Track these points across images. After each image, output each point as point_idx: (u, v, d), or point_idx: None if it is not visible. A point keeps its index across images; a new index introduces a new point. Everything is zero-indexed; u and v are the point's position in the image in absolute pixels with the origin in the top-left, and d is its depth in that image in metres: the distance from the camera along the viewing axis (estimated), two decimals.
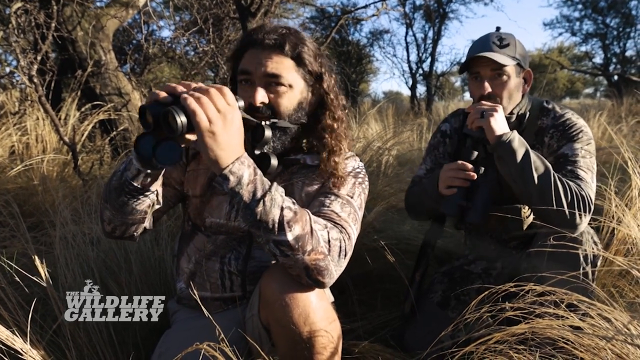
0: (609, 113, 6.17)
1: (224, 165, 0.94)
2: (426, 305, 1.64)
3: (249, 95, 1.14)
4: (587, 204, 1.33)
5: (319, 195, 1.21)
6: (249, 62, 1.16)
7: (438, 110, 8.82)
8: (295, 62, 1.17)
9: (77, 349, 1.22)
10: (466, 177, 1.45)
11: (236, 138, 0.95)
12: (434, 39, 12.66)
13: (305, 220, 1.00)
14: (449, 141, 1.73)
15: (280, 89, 1.15)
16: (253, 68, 1.14)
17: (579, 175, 1.39)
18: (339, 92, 1.27)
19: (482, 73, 1.50)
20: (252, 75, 1.15)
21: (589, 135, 1.48)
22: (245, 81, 1.17)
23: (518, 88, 1.53)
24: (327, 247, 1.03)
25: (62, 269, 1.42)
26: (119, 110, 3.84)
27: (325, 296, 1.15)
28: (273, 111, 1.16)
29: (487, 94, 1.49)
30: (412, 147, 4.28)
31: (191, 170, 1.28)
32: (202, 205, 1.26)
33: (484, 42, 1.51)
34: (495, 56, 1.45)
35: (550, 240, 1.24)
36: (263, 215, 0.96)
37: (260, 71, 1.14)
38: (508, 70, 1.48)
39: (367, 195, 1.28)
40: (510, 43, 1.49)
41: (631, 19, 13.60)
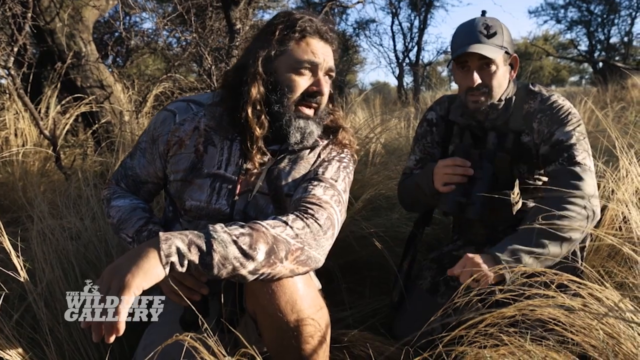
0: (594, 99, 6.22)
1: (159, 261, 0.89)
2: (415, 292, 1.63)
3: (320, 86, 1.20)
4: (589, 211, 1.31)
5: (303, 181, 1.20)
6: (314, 54, 1.19)
7: (425, 99, 8.82)
8: (334, 55, 1.25)
9: (56, 345, 1.19)
10: (464, 173, 1.42)
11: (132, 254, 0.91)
12: (420, 27, 12.65)
13: (264, 233, 0.98)
14: (436, 129, 1.70)
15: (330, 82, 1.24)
16: (321, 60, 1.19)
17: (578, 161, 1.38)
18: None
19: (470, 63, 1.46)
20: (318, 67, 1.20)
21: (578, 116, 1.46)
22: (305, 71, 1.20)
23: (505, 75, 1.52)
24: (299, 240, 1.02)
25: (39, 264, 1.38)
26: (101, 102, 3.76)
27: (312, 283, 1.13)
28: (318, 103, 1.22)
29: (477, 85, 1.47)
30: (399, 135, 4.27)
31: (173, 155, 1.26)
32: (183, 188, 1.25)
33: (470, 31, 1.47)
34: (485, 49, 1.42)
35: (539, 220, 1.22)
36: (224, 262, 0.93)
37: (327, 65, 1.21)
38: (497, 60, 1.45)
39: (351, 179, 1.28)
40: (497, 31, 1.46)
41: (615, 6, 13.71)
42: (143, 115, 4.02)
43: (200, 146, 1.23)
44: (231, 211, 1.22)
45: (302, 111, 1.19)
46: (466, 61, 1.47)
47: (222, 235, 0.94)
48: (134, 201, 1.28)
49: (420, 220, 1.77)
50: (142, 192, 1.36)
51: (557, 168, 1.41)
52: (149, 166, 1.32)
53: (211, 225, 0.97)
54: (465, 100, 1.52)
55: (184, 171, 1.25)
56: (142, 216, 1.23)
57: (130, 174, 1.34)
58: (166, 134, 1.27)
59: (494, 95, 1.49)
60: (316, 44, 1.19)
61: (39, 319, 1.26)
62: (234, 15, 3.42)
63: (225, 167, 1.23)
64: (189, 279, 1.07)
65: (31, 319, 1.31)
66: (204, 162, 1.24)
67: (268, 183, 1.23)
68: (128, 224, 1.21)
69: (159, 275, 0.88)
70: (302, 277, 1.07)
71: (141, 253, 0.89)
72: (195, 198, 1.23)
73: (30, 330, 1.28)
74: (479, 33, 1.45)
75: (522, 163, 1.54)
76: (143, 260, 0.87)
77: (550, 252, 1.24)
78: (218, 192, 1.22)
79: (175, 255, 0.90)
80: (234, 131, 1.22)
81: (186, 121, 1.27)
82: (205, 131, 1.24)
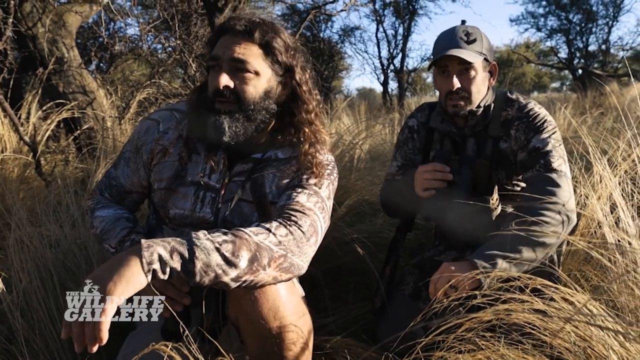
0: (574, 105, 6.34)
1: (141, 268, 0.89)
2: (397, 298, 1.64)
3: (215, 79, 1.14)
4: (563, 217, 1.33)
5: (288, 188, 1.21)
6: (219, 47, 1.16)
7: (410, 105, 8.90)
8: (263, 50, 1.17)
9: (32, 356, 1.17)
10: (443, 178, 1.44)
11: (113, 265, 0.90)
12: (404, 35, 12.76)
13: (247, 240, 0.98)
14: (417, 136, 1.72)
15: (246, 75, 1.15)
16: (221, 53, 1.15)
17: (554, 167, 1.40)
18: (313, 88, 1.28)
19: (450, 68, 1.49)
20: (219, 61, 1.15)
21: (553, 124, 1.50)
22: (214, 67, 1.17)
23: (484, 81, 1.54)
24: (282, 247, 1.02)
25: (16, 272, 1.36)
26: (83, 108, 3.72)
27: (295, 290, 1.14)
28: (237, 97, 1.15)
29: (457, 89, 1.49)
30: (384, 141, 4.30)
31: (157, 164, 1.26)
32: (167, 196, 1.24)
33: (451, 37, 1.50)
34: (464, 54, 1.45)
35: (513, 225, 1.24)
36: (206, 269, 0.93)
37: (227, 55, 1.14)
38: (476, 65, 1.48)
39: (336, 186, 1.28)
40: (477, 38, 1.49)
41: (592, 15, 13.98)
42: (126, 122, 3.99)
43: (184, 154, 1.23)
44: (215, 219, 1.22)
45: (214, 107, 1.17)
46: (446, 65, 1.50)
47: (204, 242, 0.94)
48: (118, 211, 1.28)
49: (402, 226, 1.78)
50: (126, 201, 1.35)
51: (533, 175, 1.43)
52: (133, 176, 1.31)
53: (194, 232, 0.96)
54: (445, 104, 1.54)
55: (168, 179, 1.24)
56: (125, 226, 1.22)
57: (115, 184, 1.33)
58: (150, 142, 1.27)
59: (472, 100, 1.52)
60: (225, 40, 1.17)
61: (14, 330, 1.23)
62: (219, 22, 3.42)
63: (209, 175, 1.23)
64: (171, 289, 1.06)
65: (6, 330, 1.28)
66: (188, 170, 1.24)
67: (252, 191, 1.23)
68: (111, 234, 1.20)
69: (141, 282, 0.88)
70: (285, 284, 1.07)
71: (123, 261, 0.88)
72: (179, 206, 1.23)
73: (5, 342, 1.25)
74: (459, 39, 1.48)
75: (500, 169, 1.56)
76: (125, 268, 0.87)
77: (524, 257, 1.27)
78: (202, 200, 1.22)
79: (157, 262, 0.89)
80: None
81: (170, 129, 1.27)
82: (189, 139, 1.24)
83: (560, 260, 1.50)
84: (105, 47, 4.81)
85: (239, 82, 1.15)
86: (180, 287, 1.06)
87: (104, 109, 3.87)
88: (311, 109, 1.25)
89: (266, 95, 1.19)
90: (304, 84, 1.24)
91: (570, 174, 1.43)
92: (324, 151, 1.29)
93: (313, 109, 1.26)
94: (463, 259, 1.34)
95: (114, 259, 0.90)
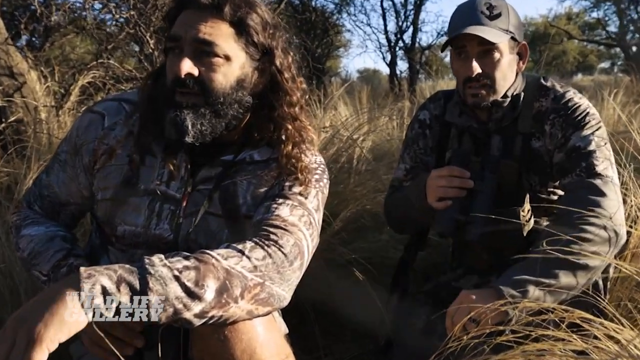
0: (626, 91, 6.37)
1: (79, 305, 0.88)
2: (407, 334, 1.65)
3: (176, 65, 1.13)
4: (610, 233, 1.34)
5: (266, 198, 1.21)
6: (180, 25, 1.16)
7: (423, 91, 8.94)
8: (235, 29, 1.16)
9: None
10: (462, 185, 1.45)
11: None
12: (416, 3, 12.84)
13: (214, 266, 0.98)
14: (430, 132, 1.74)
15: (214, 60, 1.15)
16: (183, 32, 1.14)
17: (598, 172, 1.42)
18: (297, 74, 1.29)
19: (469, 49, 1.51)
20: (181, 42, 1.14)
21: (597, 117, 1.52)
22: (174, 49, 1.17)
23: (512, 66, 1.56)
24: (258, 273, 1.02)
25: None
26: (9, 95, 3.71)
27: (276, 326, 1.15)
28: (203, 87, 1.15)
29: (477, 75, 1.51)
30: (390, 137, 4.32)
31: (101, 168, 1.26)
32: (113, 209, 1.24)
33: (470, 10, 1.52)
34: (486, 32, 1.46)
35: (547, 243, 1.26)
36: (163, 304, 0.92)
37: (189, 35, 1.13)
38: (500, 46, 1.50)
39: (326, 195, 1.30)
40: (502, 12, 1.51)
41: None
42: (65, 112, 3.98)
43: (136, 156, 1.24)
44: (175, 238, 1.22)
45: (174, 99, 1.16)
46: (464, 46, 1.51)
47: (160, 269, 0.94)
48: (51, 228, 1.27)
49: (412, 244, 1.79)
50: (62, 216, 1.35)
51: (573, 180, 1.45)
52: (71, 183, 1.31)
53: (147, 257, 0.96)
54: (464, 93, 1.56)
55: (115, 188, 1.24)
56: (61, 247, 1.21)
57: (47, 193, 1.33)
58: (92, 141, 1.27)
59: (497, 89, 1.53)
60: (188, 16, 1.16)
61: None
62: None
63: (168, 182, 1.24)
64: (119, 328, 1.06)
65: None
66: (141, 176, 1.24)
67: (221, 202, 1.24)
68: (42, 257, 1.19)
69: (79, 323, 0.87)
70: (262, 320, 1.07)
71: (56, 295, 0.88)
72: (129, 222, 1.23)
73: None
74: (480, 13, 1.50)
75: (532, 173, 1.58)
76: (58, 305, 0.86)
77: (562, 283, 1.28)
78: (158, 214, 1.23)
79: (100, 296, 0.89)
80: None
81: (117, 125, 1.27)
82: (142, 137, 1.24)
83: (607, 287, 1.52)
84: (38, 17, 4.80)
85: (204, 69, 1.15)
86: (130, 324, 1.06)
87: (36, 96, 3.86)
88: (295, 101, 1.25)
89: (239, 85, 1.19)
90: (286, 70, 1.24)
91: (618, 179, 1.45)
92: (310, 152, 1.30)
93: (297, 101, 1.26)
94: (486, 286, 1.35)
95: (45, 293, 0.90)
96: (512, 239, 1.50)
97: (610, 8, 15.35)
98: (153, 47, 3.79)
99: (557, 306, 0.97)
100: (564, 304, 1.14)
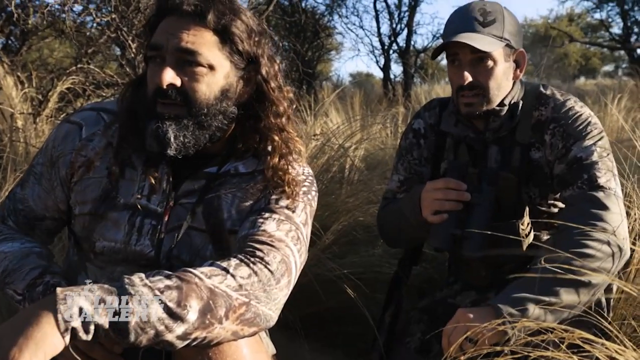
0: (631, 96, 6.41)
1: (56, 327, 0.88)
2: (401, 353, 1.65)
3: (157, 75, 1.14)
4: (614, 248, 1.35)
5: (252, 212, 1.22)
6: (161, 33, 1.16)
7: (419, 96, 8.95)
8: (219, 37, 1.17)
9: None
10: (458, 198, 1.46)
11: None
12: (411, 5, 12.90)
13: (197, 285, 0.98)
14: (424, 142, 1.75)
15: (197, 69, 1.15)
16: (164, 40, 1.15)
17: (600, 184, 1.43)
18: (284, 83, 1.29)
19: (461, 56, 1.52)
20: (162, 51, 1.15)
21: (599, 127, 1.53)
22: (155, 58, 1.17)
23: (507, 74, 1.57)
24: (244, 292, 1.02)
25: None
26: None
27: (262, 347, 1.14)
28: (186, 98, 1.16)
29: (469, 84, 1.51)
30: (384, 145, 4.33)
31: (79, 181, 1.26)
32: (92, 224, 1.24)
33: (464, 16, 1.53)
34: (477, 40, 1.47)
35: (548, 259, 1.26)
36: (144, 325, 0.92)
37: (172, 44, 1.14)
38: (494, 54, 1.51)
39: (314, 208, 1.30)
40: (496, 18, 1.52)
41: None
42: (43, 120, 3.96)
43: (115, 169, 1.23)
44: (157, 254, 1.22)
45: (156, 110, 1.17)
46: (457, 54, 1.52)
47: (141, 289, 0.94)
48: (26, 245, 1.26)
49: (406, 258, 1.80)
50: (37, 231, 1.34)
51: (575, 193, 1.46)
52: (47, 197, 1.30)
53: (127, 276, 0.96)
54: (457, 102, 1.57)
55: (94, 202, 1.24)
56: (37, 265, 1.20)
57: (22, 207, 1.32)
58: (69, 153, 1.26)
59: (491, 98, 1.54)
60: (170, 23, 1.16)
61: None
62: None
63: (149, 196, 1.23)
64: (98, 349, 1.05)
65: None
66: (120, 189, 1.23)
67: (205, 216, 1.24)
68: (17, 275, 1.18)
69: (56, 346, 0.87)
70: (248, 341, 1.07)
71: (31, 317, 0.88)
72: (108, 237, 1.23)
73: None
74: (474, 20, 1.51)
75: (532, 185, 1.59)
76: (34, 328, 0.86)
77: (563, 301, 1.28)
78: (139, 229, 1.22)
79: (78, 318, 0.89)
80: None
81: (96, 136, 1.27)
82: (122, 149, 1.24)
83: (610, 305, 1.53)
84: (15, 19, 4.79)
85: (187, 79, 1.15)
86: (110, 347, 1.06)
87: (13, 103, 3.85)
88: (282, 112, 1.26)
89: (223, 95, 1.19)
90: (272, 79, 1.25)
91: (621, 192, 1.46)
92: (298, 164, 1.30)
93: (284, 111, 1.26)
94: (484, 304, 1.36)
95: (19, 315, 0.90)
96: (511, 254, 1.50)
97: (614, 9, 15.44)
98: (135, 52, 3.78)
99: (557, 326, 0.97)
100: (565, 323, 1.15)
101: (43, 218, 1.33)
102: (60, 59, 6.67)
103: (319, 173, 2.92)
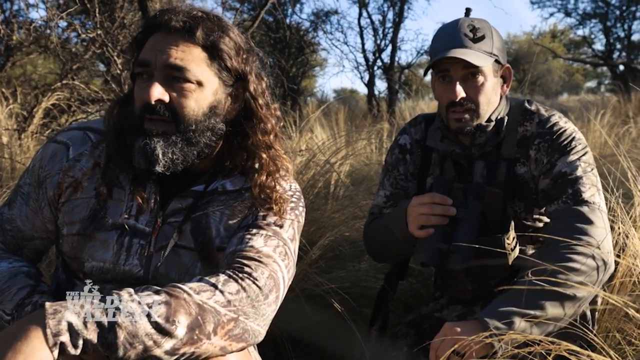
0: (614, 111, 6.49)
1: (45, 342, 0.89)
2: None
3: (145, 92, 1.14)
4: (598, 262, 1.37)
5: (239, 229, 1.22)
6: (149, 50, 1.17)
7: (403, 112, 9.03)
8: (207, 54, 1.18)
9: None
10: (444, 213, 1.47)
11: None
12: (395, 21, 12.99)
13: (185, 301, 0.99)
14: (410, 158, 1.76)
15: (185, 85, 1.16)
16: (152, 57, 1.15)
17: (585, 199, 1.45)
18: (271, 101, 1.30)
19: (452, 73, 1.53)
20: (150, 67, 1.15)
21: (584, 142, 1.55)
22: (142, 75, 1.17)
23: (496, 89, 1.59)
24: (232, 308, 1.03)
25: None
26: None
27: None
28: (174, 114, 1.16)
29: (460, 100, 1.53)
30: (369, 161, 4.35)
31: (67, 202, 1.25)
32: (80, 245, 1.24)
33: (454, 33, 1.55)
34: (470, 55, 1.49)
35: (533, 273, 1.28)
36: (132, 340, 0.93)
37: (160, 60, 1.14)
38: (485, 69, 1.53)
39: (302, 223, 1.31)
40: (485, 35, 1.54)
41: None
42: (28, 136, 3.94)
43: (103, 189, 1.23)
44: (145, 273, 1.22)
45: (143, 126, 1.17)
46: (448, 70, 1.54)
47: (129, 304, 0.94)
48: (14, 264, 1.25)
49: (392, 273, 1.80)
50: (25, 250, 1.33)
51: (559, 208, 1.48)
52: (35, 217, 1.29)
53: (116, 291, 0.97)
54: (447, 118, 1.58)
55: (82, 222, 1.24)
56: (25, 284, 1.20)
57: (9, 228, 1.32)
58: (56, 173, 1.26)
59: (481, 113, 1.56)
60: (158, 40, 1.17)
61: None
62: (153, 6, 3.45)
63: (137, 215, 1.23)
64: None
65: None
66: (108, 209, 1.23)
67: (193, 235, 1.24)
68: (5, 296, 1.18)
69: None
70: (237, 356, 1.08)
71: (20, 332, 0.88)
72: (97, 258, 1.22)
73: None
74: (464, 36, 1.53)
75: (517, 200, 1.61)
76: (22, 343, 0.86)
77: (549, 315, 1.30)
78: (127, 249, 1.22)
79: (67, 333, 0.89)
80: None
81: (83, 156, 1.27)
82: (110, 169, 1.24)
83: (595, 318, 1.54)
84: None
85: (176, 95, 1.16)
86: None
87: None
88: (269, 129, 1.27)
89: (212, 112, 1.20)
90: (260, 96, 1.25)
91: (605, 206, 1.48)
92: (285, 180, 1.31)
93: (272, 128, 1.27)
94: (471, 317, 1.36)
95: (8, 330, 0.90)
96: (497, 268, 1.52)
97: (597, 25, 15.67)
98: (121, 68, 3.78)
99: (544, 338, 0.98)
100: (551, 335, 1.16)
101: (31, 238, 1.32)
102: (44, 74, 6.66)
103: (304, 188, 2.93)
